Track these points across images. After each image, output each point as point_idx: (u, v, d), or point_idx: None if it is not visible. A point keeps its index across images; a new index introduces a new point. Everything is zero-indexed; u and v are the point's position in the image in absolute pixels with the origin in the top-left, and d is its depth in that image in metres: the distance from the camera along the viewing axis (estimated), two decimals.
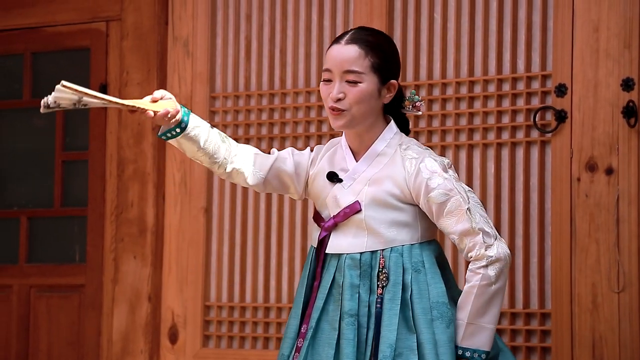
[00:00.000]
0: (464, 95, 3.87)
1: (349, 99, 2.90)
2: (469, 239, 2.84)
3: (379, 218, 2.90)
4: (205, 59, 4.31)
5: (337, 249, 2.94)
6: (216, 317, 4.26)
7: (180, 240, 4.32)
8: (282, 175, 3.05)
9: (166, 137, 2.96)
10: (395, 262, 2.88)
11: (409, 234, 2.91)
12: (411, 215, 2.91)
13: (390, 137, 2.96)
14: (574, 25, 3.69)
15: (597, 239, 3.62)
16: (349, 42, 2.91)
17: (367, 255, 2.90)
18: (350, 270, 2.89)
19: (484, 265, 2.82)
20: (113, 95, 4.49)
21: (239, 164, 3.02)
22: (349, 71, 2.89)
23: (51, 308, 4.61)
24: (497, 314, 2.85)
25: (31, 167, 4.74)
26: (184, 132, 2.93)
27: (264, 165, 3.03)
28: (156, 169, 4.38)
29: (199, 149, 2.97)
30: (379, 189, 2.91)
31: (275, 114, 4.21)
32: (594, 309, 3.61)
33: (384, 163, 2.93)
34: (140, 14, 4.43)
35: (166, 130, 2.94)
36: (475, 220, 2.84)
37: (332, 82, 2.92)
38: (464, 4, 3.91)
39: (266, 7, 4.26)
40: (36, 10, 4.65)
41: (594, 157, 3.65)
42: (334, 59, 2.91)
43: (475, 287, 2.83)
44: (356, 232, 2.92)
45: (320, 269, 2.95)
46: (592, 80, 3.66)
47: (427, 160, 2.90)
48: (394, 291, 2.86)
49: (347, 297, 2.87)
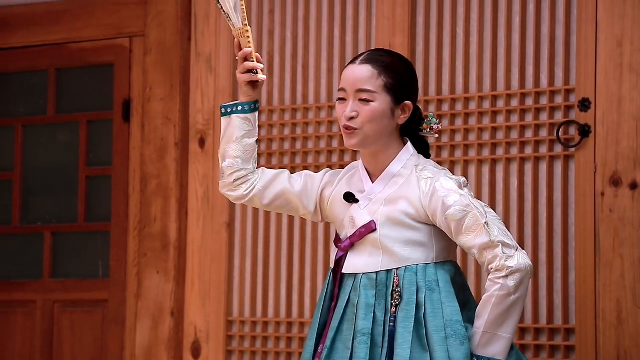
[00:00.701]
0: (487, 110, 3.86)
1: (361, 118, 2.92)
2: (488, 252, 2.84)
3: (394, 237, 2.91)
4: (228, 75, 4.32)
5: (353, 268, 2.95)
6: (239, 332, 4.25)
7: (202, 255, 4.32)
8: (286, 194, 3.06)
9: (230, 111, 3.01)
10: (409, 280, 2.88)
11: (424, 253, 2.91)
12: (426, 235, 2.92)
13: (407, 159, 2.97)
14: (597, 39, 3.68)
15: (622, 254, 3.59)
16: (363, 62, 2.95)
17: (382, 274, 2.91)
18: (367, 290, 2.90)
19: (503, 276, 2.82)
20: (137, 110, 4.51)
21: (251, 180, 3.06)
22: (362, 90, 2.92)
23: (75, 323, 4.62)
24: (514, 325, 2.85)
25: (55, 182, 4.76)
26: (251, 112, 3.01)
27: (264, 178, 3.06)
28: (179, 184, 4.39)
29: (242, 138, 3.00)
30: (394, 208, 2.92)
31: (297, 129, 4.22)
32: (619, 324, 3.58)
33: (400, 184, 2.95)
34: (164, 30, 4.45)
35: (239, 102, 3.00)
36: (494, 233, 2.84)
37: (346, 101, 2.95)
38: (487, 18, 3.90)
39: (288, 22, 4.27)
40: (60, 27, 4.68)
41: (618, 172, 3.63)
42: (348, 79, 2.95)
43: (493, 296, 2.83)
44: (371, 251, 2.93)
45: (338, 289, 2.96)
46: (615, 94, 3.64)
47: (443, 179, 2.92)
48: (408, 310, 2.86)
49: (362, 317, 2.88)
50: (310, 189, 3.07)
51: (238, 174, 3.03)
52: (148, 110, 4.46)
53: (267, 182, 3.05)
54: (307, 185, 3.07)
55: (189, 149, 4.39)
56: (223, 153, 3.04)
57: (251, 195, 3.04)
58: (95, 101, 4.69)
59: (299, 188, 3.06)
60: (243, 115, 3.01)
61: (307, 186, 3.07)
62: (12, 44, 4.77)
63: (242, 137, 3.01)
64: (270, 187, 3.06)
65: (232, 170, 3.03)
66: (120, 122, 4.57)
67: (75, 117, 4.71)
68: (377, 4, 4.06)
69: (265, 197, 3.06)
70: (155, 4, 4.48)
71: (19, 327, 4.72)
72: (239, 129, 3.01)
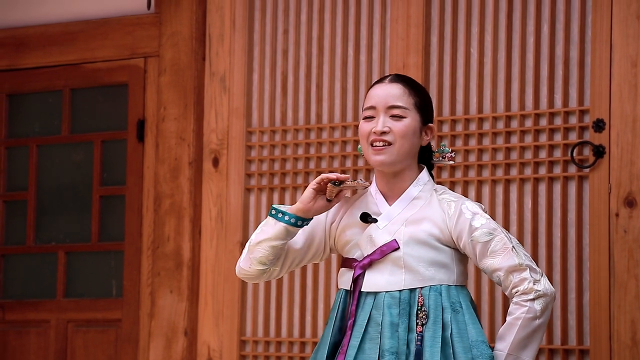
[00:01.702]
0: (501, 130, 3.86)
1: (393, 133, 2.92)
2: (515, 275, 2.85)
3: (418, 256, 2.90)
4: (241, 94, 4.33)
5: (374, 287, 2.93)
6: (252, 351, 4.25)
7: (216, 275, 4.32)
8: (296, 260, 3.04)
9: (282, 217, 2.96)
10: (435, 300, 2.88)
11: (446, 274, 2.92)
12: (449, 257, 2.93)
13: (425, 183, 2.98)
14: (611, 60, 3.68)
15: (636, 275, 3.58)
16: (392, 81, 2.98)
17: (405, 293, 2.90)
18: (390, 309, 2.89)
19: (531, 299, 2.83)
20: (151, 130, 4.52)
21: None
22: (394, 106, 2.93)
23: (88, 342, 4.62)
24: (536, 350, 2.85)
25: (69, 202, 4.77)
26: (301, 227, 2.98)
27: (279, 262, 3.03)
28: (192, 204, 4.39)
29: (282, 245, 2.97)
30: (418, 228, 2.92)
31: (311, 149, 4.22)
32: (634, 345, 3.56)
33: (420, 206, 2.95)
34: (178, 50, 4.47)
35: (299, 217, 2.95)
36: (522, 257, 2.87)
37: (374, 119, 2.94)
38: (501, 39, 3.91)
39: (302, 42, 4.28)
40: (75, 48, 4.71)
41: (633, 193, 3.62)
42: (378, 96, 2.95)
43: (520, 319, 2.83)
44: (392, 269, 2.92)
45: (355, 307, 2.94)
46: (630, 115, 3.64)
47: (468, 202, 2.94)
48: (435, 329, 2.85)
49: (387, 335, 2.86)
50: (316, 231, 3.04)
51: (265, 270, 3.01)
52: (162, 130, 4.47)
53: (281, 263, 3.03)
54: (311, 231, 3.04)
55: (202, 168, 4.39)
56: (256, 249, 2.98)
57: (266, 278, 3.05)
58: (109, 121, 4.70)
59: (301, 244, 3.03)
60: (293, 228, 2.97)
61: (312, 231, 3.04)
62: (27, 65, 4.79)
63: (283, 245, 2.98)
64: (283, 264, 3.04)
65: (262, 269, 3.00)
66: (134, 141, 4.58)
67: (89, 137, 4.73)
68: (392, 24, 4.06)
69: (281, 273, 3.07)
70: (169, 25, 4.50)
71: (32, 347, 4.72)
72: (282, 239, 2.96)
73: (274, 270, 3.02)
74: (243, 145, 4.32)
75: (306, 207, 2.94)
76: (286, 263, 3.03)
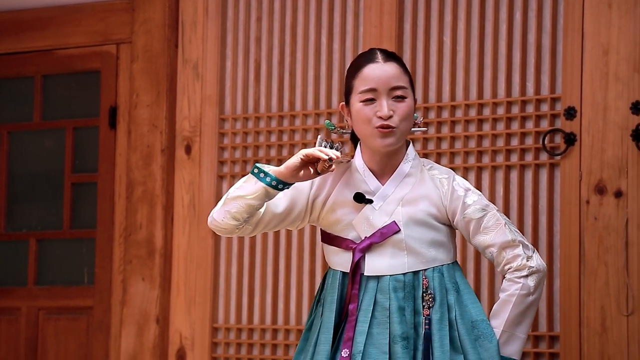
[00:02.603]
0: (473, 118, 3.88)
1: (397, 116, 2.87)
2: (508, 251, 2.85)
3: (419, 238, 2.88)
4: (214, 82, 4.32)
5: (376, 270, 2.88)
6: (224, 339, 4.25)
7: (188, 262, 4.31)
8: (273, 220, 2.95)
9: (264, 178, 2.87)
10: (440, 282, 2.86)
11: (444, 253, 2.90)
12: (445, 235, 2.92)
13: (413, 158, 2.94)
14: (583, 48, 3.69)
15: (606, 262, 3.60)
16: (387, 59, 2.90)
17: (409, 275, 2.86)
18: (396, 293, 2.84)
19: (524, 275, 2.84)
20: (123, 117, 4.50)
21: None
22: (397, 87, 2.88)
23: (59, 330, 4.61)
24: (529, 326, 2.86)
25: (40, 189, 4.75)
26: (282, 190, 2.89)
27: (254, 220, 2.94)
28: (165, 191, 4.38)
29: (259, 206, 2.89)
30: (416, 208, 2.89)
31: (284, 136, 4.22)
32: (603, 332, 3.59)
33: (413, 184, 2.91)
34: (151, 36, 4.46)
35: (281, 180, 2.86)
36: (514, 233, 2.87)
37: (374, 102, 2.87)
38: (474, 27, 3.92)
39: (276, 30, 4.27)
40: (48, 34, 4.68)
41: (603, 180, 3.64)
42: (378, 77, 2.87)
43: (514, 295, 2.83)
44: (393, 252, 2.87)
45: (357, 291, 2.89)
46: (601, 103, 3.66)
47: (458, 178, 2.93)
48: (442, 311, 2.84)
49: (397, 321, 2.82)
50: (297, 201, 2.96)
51: (237, 226, 2.92)
52: (134, 117, 4.46)
53: (256, 222, 2.94)
54: (293, 199, 2.96)
55: (175, 155, 4.38)
56: (231, 203, 2.89)
57: (239, 233, 2.95)
58: (81, 108, 4.68)
59: (282, 208, 2.95)
60: (272, 190, 2.88)
61: (293, 200, 2.96)
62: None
63: (259, 205, 2.89)
64: (258, 223, 2.94)
65: (234, 225, 2.90)
66: (106, 128, 4.56)
67: (61, 124, 4.71)
68: (365, 12, 4.07)
69: (254, 232, 2.97)
70: (142, 11, 4.48)
71: (3, 335, 4.70)
72: (260, 199, 2.87)
73: (247, 228, 2.92)
74: (216, 133, 4.31)
75: (290, 173, 2.86)
76: (261, 223, 2.94)
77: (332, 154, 2.84)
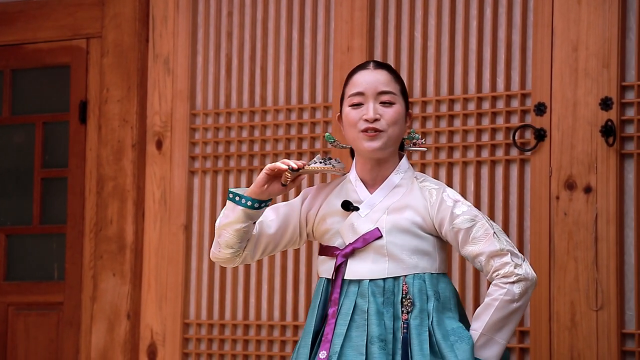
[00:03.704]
0: (444, 114, 3.89)
1: (385, 120, 2.91)
2: (496, 260, 2.86)
3: (401, 244, 2.89)
4: (185, 77, 4.31)
5: (357, 274, 2.90)
6: (195, 334, 4.24)
7: (159, 258, 4.31)
8: (270, 244, 3.01)
9: (239, 201, 2.92)
10: (419, 288, 2.87)
11: (429, 262, 2.91)
12: (431, 245, 2.92)
13: (405, 170, 2.97)
14: (553, 44, 3.71)
15: (576, 257, 3.63)
16: (378, 67, 2.96)
17: (389, 281, 2.88)
18: (375, 297, 2.87)
19: (511, 282, 2.84)
20: (93, 112, 4.48)
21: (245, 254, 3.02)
22: (384, 92, 2.92)
23: (29, 326, 4.59)
24: (511, 332, 2.86)
25: (10, 184, 4.72)
26: (260, 210, 2.94)
27: (250, 245, 3.00)
28: (136, 186, 4.37)
29: (245, 229, 2.93)
30: (401, 216, 2.91)
31: (255, 132, 4.22)
32: (573, 326, 3.62)
33: (402, 193, 2.94)
34: (121, 31, 4.44)
35: (255, 199, 2.91)
36: (503, 243, 2.87)
37: (362, 106, 2.91)
38: (444, 23, 3.93)
39: (247, 25, 4.27)
40: (16, 28, 4.65)
41: (573, 176, 3.67)
42: (367, 82, 2.92)
43: (497, 300, 2.84)
44: (375, 258, 2.90)
45: (338, 295, 2.91)
46: (571, 99, 3.68)
47: (449, 190, 2.94)
48: (422, 317, 2.85)
49: (375, 323, 2.85)
50: (290, 218, 3.01)
51: (234, 253, 2.98)
52: (105, 112, 4.44)
53: (253, 247, 3.00)
54: (285, 217, 3.01)
55: (146, 150, 4.37)
56: (222, 233, 2.95)
57: (240, 262, 3.02)
58: (51, 103, 4.66)
59: (274, 229, 3.00)
60: (252, 211, 2.92)
61: (285, 218, 3.01)
62: None
63: (246, 228, 2.94)
64: (255, 249, 3.01)
65: (231, 252, 2.97)
66: (76, 123, 4.54)
67: (31, 119, 4.68)
68: (336, 7, 4.07)
69: (254, 257, 3.03)
70: (112, 6, 4.46)
71: None
72: (243, 222, 2.93)
73: (246, 254, 2.99)
74: (187, 128, 4.30)
75: (259, 190, 2.91)
76: (259, 247, 3.00)
77: (293, 163, 2.88)
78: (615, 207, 3.59)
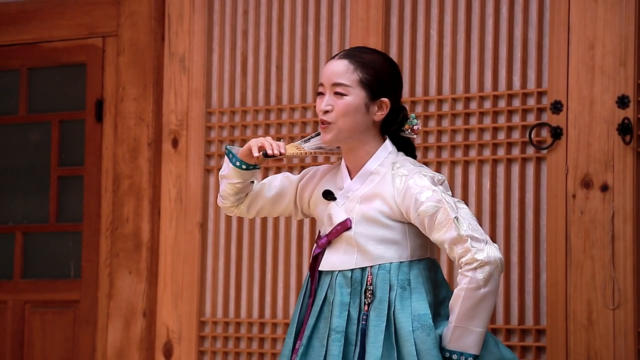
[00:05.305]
0: (460, 112, 3.88)
1: (335, 112, 2.95)
2: (458, 247, 2.84)
3: (368, 235, 2.91)
4: (201, 75, 4.32)
5: (329, 266, 2.96)
6: (211, 332, 4.25)
7: (175, 256, 4.31)
8: (266, 206, 3.13)
9: (231, 159, 3.05)
10: (382, 279, 2.89)
11: (397, 251, 2.91)
12: (400, 233, 2.92)
13: (384, 156, 2.97)
14: (569, 42, 3.70)
15: (592, 256, 3.62)
16: (342, 57, 2.99)
17: (357, 272, 2.92)
18: (342, 288, 2.91)
19: (472, 268, 2.81)
20: (109, 110, 4.49)
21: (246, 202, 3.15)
22: (337, 84, 2.95)
23: (46, 324, 4.60)
24: (486, 318, 2.84)
25: (27, 182, 4.73)
26: (248, 171, 3.06)
27: (248, 198, 3.13)
28: (152, 185, 4.38)
29: (242, 184, 3.07)
30: (369, 206, 2.93)
31: (271, 130, 4.22)
32: (589, 325, 3.61)
33: (376, 182, 2.96)
34: (137, 30, 4.44)
35: (243, 161, 3.03)
36: (463, 227, 2.83)
37: (324, 96, 2.99)
38: (460, 20, 3.92)
39: (262, 23, 4.27)
40: (33, 27, 4.66)
41: (589, 174, 3.65)
42: (325, 73, 2.99)
43: (463, 289, 2.83)
44: (346, 249, 2.94)
45: (315, 286, 2.96)
46: (587, 97, 3.67)
47: (416, 176, 2.91)
48: (380, 308, 2.86)
49: (336, 314, 2.89)
50: (286, 192, 3.12)
51: (232, 204, 3.13)
52: (121, 110, 4.45)
53: (249, 204, 3.13)
54: (282, 189, 3.12)
55: (161, 149, 4.38)
56: (221, 183, 3.10)
57: (237, 213, 3.15)
58: (67, 101, 4.67)
59: (272, 194, 3.11)
60: (242, 171, 3.04)
61: (282, 189, 3.12)
62: None
63: (240, 185, 3.08)
64: (251, 206, 3.13)
65: (228, 202, 3.12)
66: (92, 122, 4.55)
67: (47, 117, 4.69)
68: (352, 5, 4.07)
69: (250, 214, 3.15)
70: (128, 4, 4.47)
71: None
72: (236, 179, 3.07)
73: (242, 209, 3.13)
74: (202, 126, 4.31)
75: (247, 156, 3.02)
76: (254, 205, 3.12)
77: (271, 149, 2.94)
78: (632, 206, 3.58)
